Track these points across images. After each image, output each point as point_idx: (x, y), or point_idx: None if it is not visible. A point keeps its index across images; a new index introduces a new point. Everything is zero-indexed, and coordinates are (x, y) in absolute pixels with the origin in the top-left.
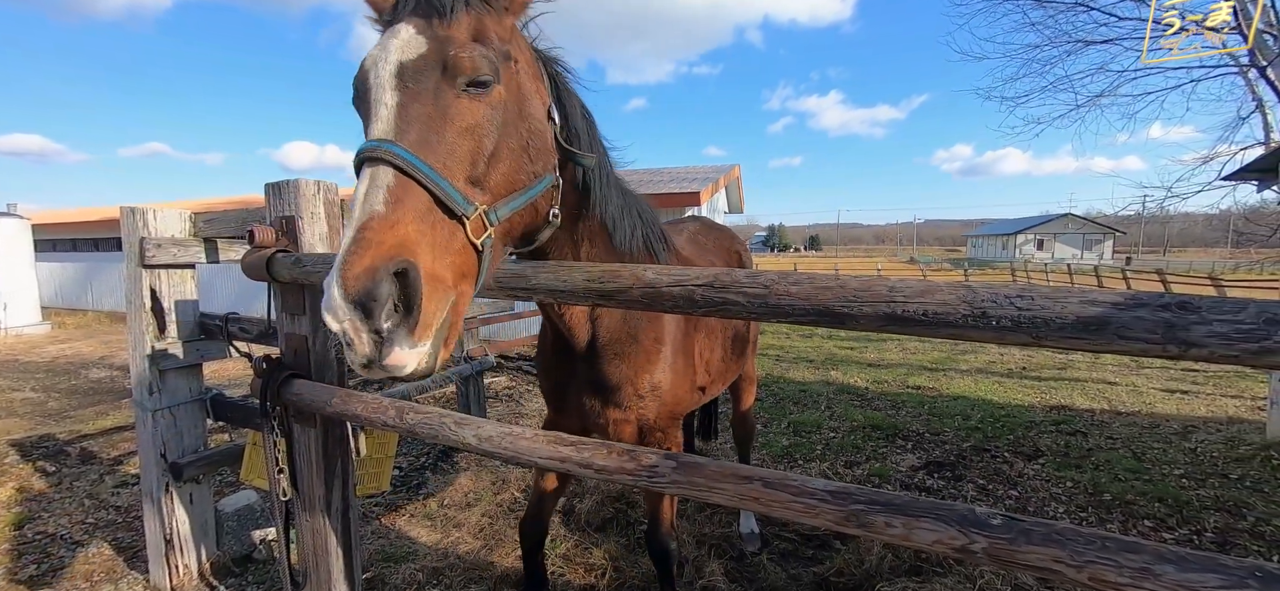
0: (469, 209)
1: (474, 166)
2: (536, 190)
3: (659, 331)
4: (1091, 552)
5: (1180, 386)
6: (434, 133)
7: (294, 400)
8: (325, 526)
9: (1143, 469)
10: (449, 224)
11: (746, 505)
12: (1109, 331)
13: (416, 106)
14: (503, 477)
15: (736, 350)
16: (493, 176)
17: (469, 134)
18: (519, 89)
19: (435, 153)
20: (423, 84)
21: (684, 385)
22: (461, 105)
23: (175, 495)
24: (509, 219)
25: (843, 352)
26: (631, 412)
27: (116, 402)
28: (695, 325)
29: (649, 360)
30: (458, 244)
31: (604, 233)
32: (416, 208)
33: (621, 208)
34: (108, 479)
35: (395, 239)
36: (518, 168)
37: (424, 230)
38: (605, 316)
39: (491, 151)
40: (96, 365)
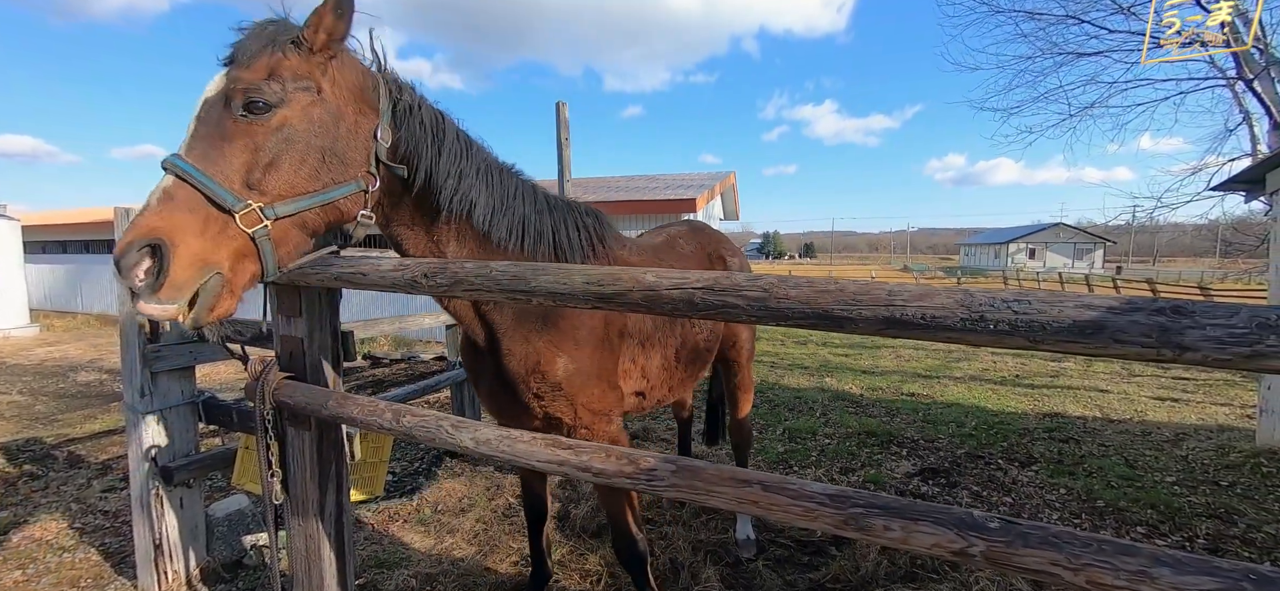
0: (238, 204)
1: (249, 173)
2: (334, 194)
3: (555, 337)
4: (1088, 555)
5: (1171, 394)
6: (212, 147)
7: (288, 402)
8: (318, 531)
9: (1135, 475)
10: (219, 216)
11: (745, 508)
12: (1105, 335)
13: (203, 129)
14: (497, 483)
15: (689, 360)
16: (270, 181)
17: (244, 148)
18: (319, 113)
19: (209, 162)
20: (212, 113)
21: (597, 387)
22: (238, 126)
23: (165, 499)
24: (300, 215)
25: (837, 360)
26: (537, 408)
27: (105, 406)
28: (621, 332)
29: (543, 363)
30: (230, 232)
31: (474, 233)
32: (186, 202)
33: (495, 210)
34: (95, 483)
35: (150, 224)
36: (306, 174)
37: (189, 219)
38: (497, 318)
39: (269, 162)
40: (85, 368)
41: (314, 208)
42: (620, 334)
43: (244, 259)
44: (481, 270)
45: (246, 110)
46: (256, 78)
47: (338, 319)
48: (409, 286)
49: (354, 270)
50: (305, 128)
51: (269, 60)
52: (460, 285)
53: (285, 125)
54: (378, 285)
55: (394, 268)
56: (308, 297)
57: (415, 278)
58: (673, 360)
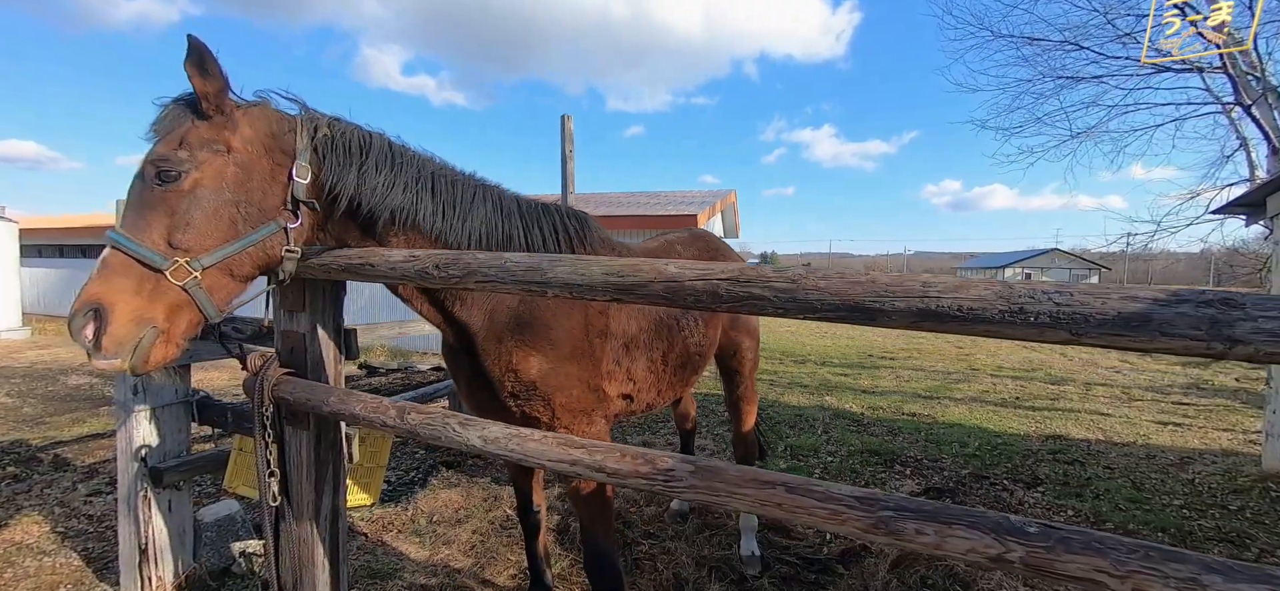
0: (164, 262)
1: (172, 233)
2: (255, 237)
3: (531, 336)
4: (1135, 562)
5: (1173, 419)
6: (139, 217)
7: (288, 398)
8: (313, 535)
9: (1142, 498)
10: (151, 275)
11: (768, 511)
12: (1151, 328)
13: (133, 201)
14: (494, 494)
15: (677, 364)
16: (190, 239)
17: (162, 213)
18: (230, 170)
19: (137, 230)
20: (136, 187)
21: (576, 387)
22: (155, 195)
23: (153, 502)
24: (227, 261)
25: (837, 379)
26: (513, 407)
27: (94, 409)
28: (601, 332)
29: (516, 362)
30: (163, 287)
31: (427, 239)
32: (120, 267)
33: (443, 215)
34: (81, 487)
35: (91, 292)
36: (223, 227)
37: (124, 282)
38: (463, 314)
39: (186, 222)
40: (75, 372)
41: (236, 253)
42: (602, 335)
43: (179, 309)
44: (495, 261)
45: (159, 180)
46: (168, 150)
47: (341, 314)
48: (420, 278)
49: (362, 261)
50: (216, 185)
51: (179, 131)
52: (473, 277)
53: (197, 186)
54: (387, 276)
55: (405, 258)
56: (311, 291)
57: (426, 268)
58: (660, 363)
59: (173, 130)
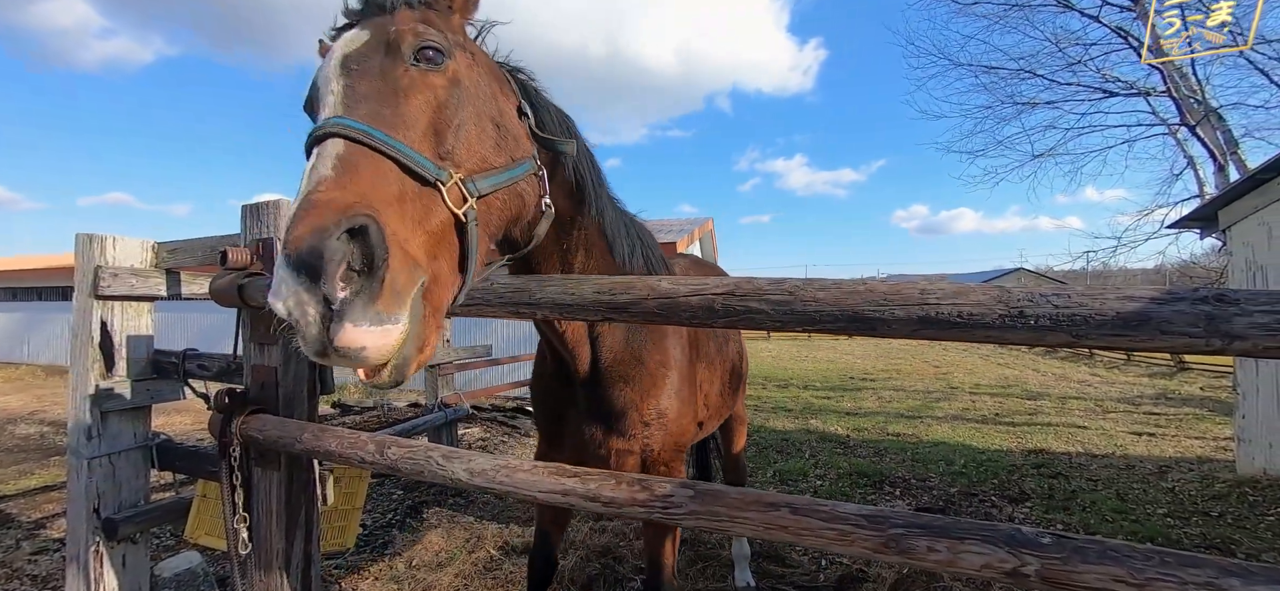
0: (442, 175)
1: (440, 139)
2: (518, 172)
3: (664, 355)
4: (1152, 569)
5: (1146, 429)
6: (387, 105)
7: (257, 438)
8: (282, 586)
9: (1127, 509)
10: (423, 192)
11: (773, 535)
12: (1150, 327)
13: (365, 84)
14: (477, 535)
15: (732, 385)
16: (462, 149)
17: (428, 105)
18: (480, 77)
19: (391, 124)
20: (369, 64)
21: (688, 414)
22: (413, 77)
23: (105, 556)
24: (491, 198)
25: (820, 402)
26: (636, 442)
27: (43, 460)
28: (697, 353)
29: (655, 384)
30: (436, 216)
31: (603, 243)
32: (375, 170)
33: (617, 218)
34: (25, 544)
35: (348, 197)
36: (491, 145)
37: (388, 194)
38: (608, 336)
39: (458, 123)
40: (25, 420)
41: (504, 187)
42: (696, 353)
43: (447, 255)
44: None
45: (418, 58)
46: (418, 22)
47: None
48: None
49: None
50: (474, 89)
51: (416, 12)
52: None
53: (460, 82)
54: None
55: None
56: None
57: None
58: (725, 384)
59: (402, 8)
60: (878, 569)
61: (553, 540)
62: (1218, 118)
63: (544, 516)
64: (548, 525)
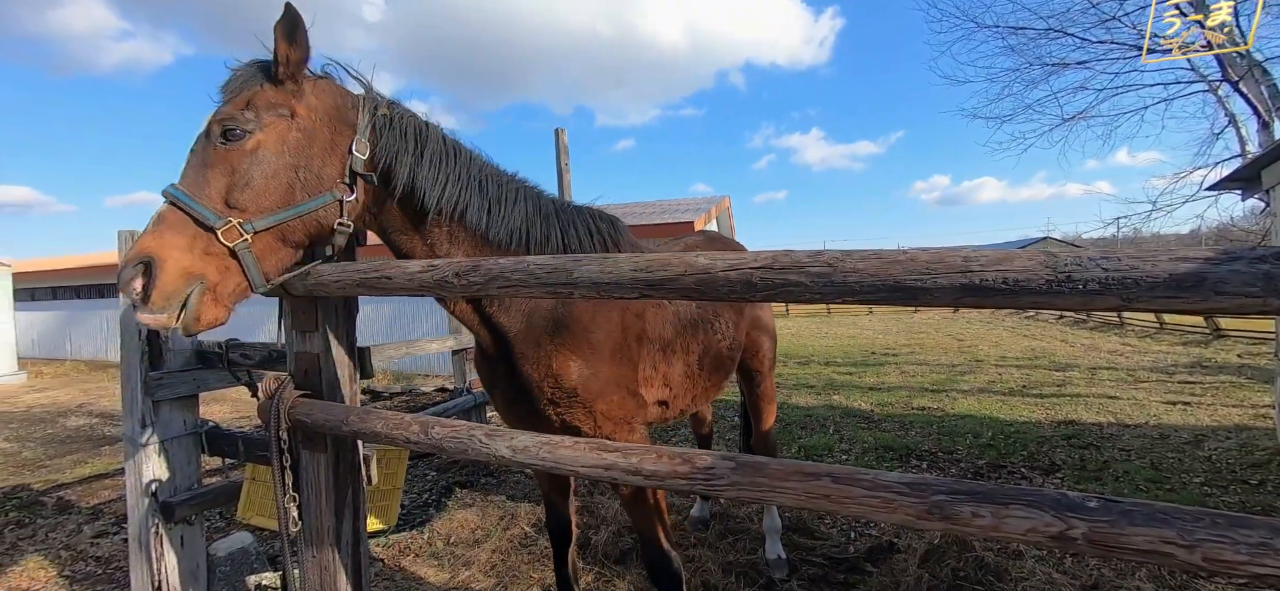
0: (218, 222)
1: (229, 193)
2: (311, 205)
3: (568, 340)
4: (1202, 530)
5: (1181, 398)
6: (198, 175)
7: (305, 420)
8: (335, 561)
9: (1162, 478)
10: (203, 233)
11: (815, 504)
12: (1205, 288)
13: (193, 160)
14: (511, 513)
15: (712, 368)
16: (246, 199)
17: (223, 172)
18: (293, 134)
19: (196, 187)
20: (198, 146)
21: (616, 394)
22: (217, 153)
23: (165, 538)
24: (279, 227)
25: (843, 378)
26: (552, 415)
27: (96, 450)
28: (639, 336)
29: (556, 367)
30: (213, 247)
31: (468, 233)
32: (174, 223)
33: (489, 211)
34: (86, 528)
35: (143, 245)
36: (280, 192)
37: (177, 238)
38: (502, 318)
39: (245, 182)
40: (74, 413)
41: (290, 220)
42: (639, 339)
43: (228, 271)
44: (518, 266)
45: (223, 138)
46: (234, 109)
47: (354, 332)
48: (439, 288)
49: (378, 274)
50: (278, 149)
51: (247, 93)
52: (496, 282)
53: (259, 148)
54: (404, 289)
55: (422, 268)
56: (325, 310)
57: (446, 278)
58: (696, 367)
59: (241, 92)
60: (908, 540)
61: (560, 505)
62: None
63: (545, 485)
64: (551, 493)
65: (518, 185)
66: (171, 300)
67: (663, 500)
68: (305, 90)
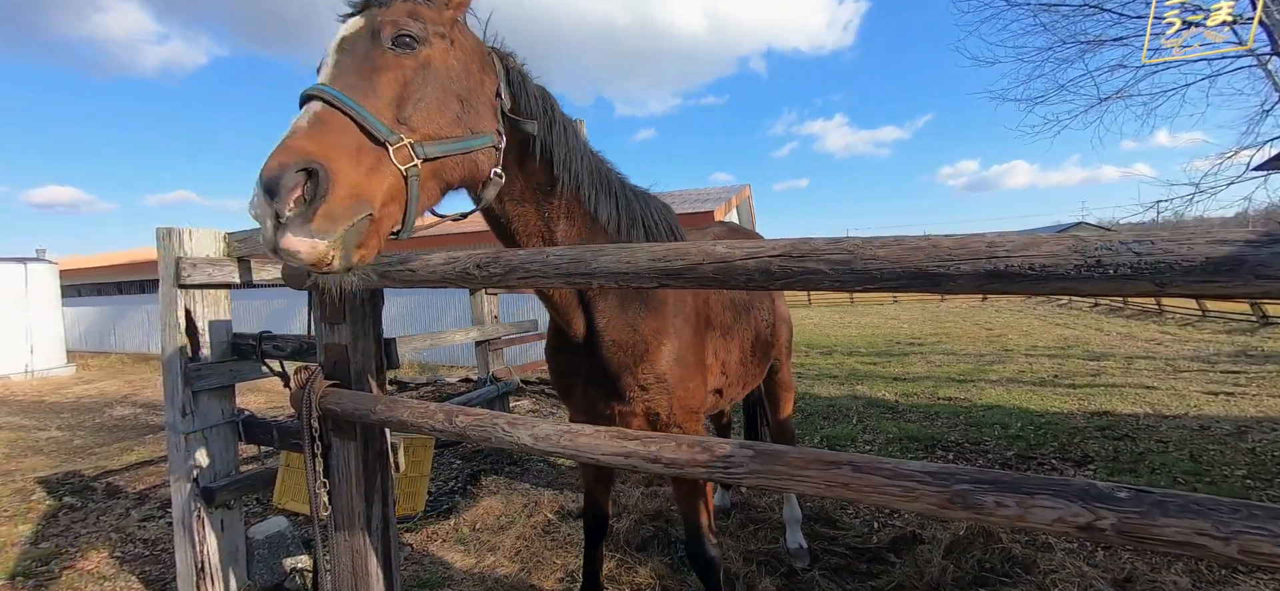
0: (392, 137)
1: (400, 107)
2: (473, 143)
3: (660, 322)
4: (1239, 522)
5: (1223, 388)
6: (361, 78)
7: (335, 410)
8: (366, 546)
9: (1201, 470)
10: (375, 149)
11: (835, 493)
12: (1244, 271)
13: (348, 61)
14: (534, 500)
15: (758, 354)
16: (419, 117)
17: (395, 81)
18: (455, 61)
19: (360, 91)
20: (357, 46)
21: (694, 379)
22: (387, 58)
23: (206, 521)
24: (441, 160)
25: (866, 368)
26: (638, 405)
27: (140, 438)
28: (707, 321)
29: (650, 351)
30: (385, 168)
31: (583, 212)
32: (337, 127)
33: (601, 190)
34: (134, 512)
35: (309, 147)
36: (449, 118)
37: (344, 146)
38: (601, 304)
39: (419, 97)
40: (120, 403)
41: (456, 154)
42: (707, 323)
43: (392, 200)
44: (536, 257)
45: (395, 44)
46: (404, 15)
47: (381, 324)
48: (461, 279)
49: (402, 266)
50: (445, 71)
51: (406, 5)
52: (515, 273)
53: (430, 64)
54: (427, 281)
55: (444, 261)
56: (351, 303)
57: (467, 269)
58: (749, 353)
59: (395, 3)
60: (933, 530)
61: (600, 498)
62: None
63: (589, 478)
64: (593, 485)
65: (609, 166)
66: (336, 224)
67: (710, 489)
68: (457, 22)
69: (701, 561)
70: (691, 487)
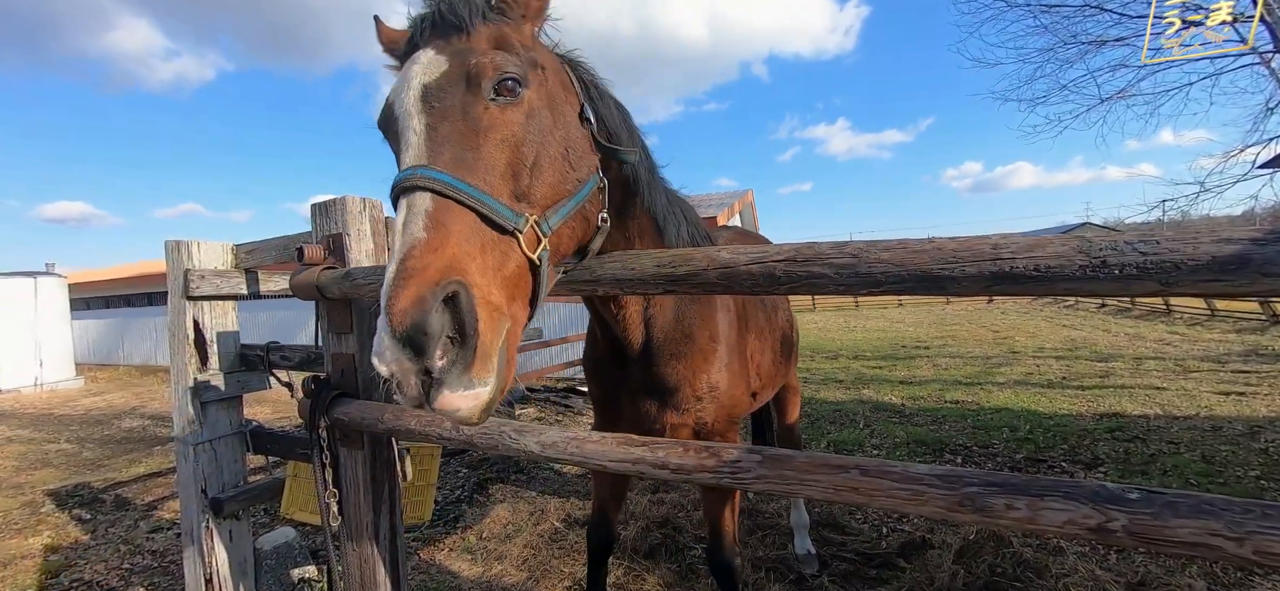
0: (520, 222)
1: (517, 179)
2: (583, 196)
3: (713, 329)
4: (1252, 522)
5: (1234, 388)
6: (468, 149)
7: (342, 419)
8: (374, 555)
9: (1214, 471)
10: (501, 241)
11: (843, 497)
12: (1250, 269)
13: (446, 125)
14: (541, 508)
15: (784, 354)
16: (537, 187)
17: (505, 144)
18: (550, 95)
19: (473, 170)
20: (449, 101)
21: (740, 385)
22: (492, 115)
23: (215, 532)
24: (559, 229)
25: (872, 372)
26: (690, 415)
27: (149, 450)
28: (746, 324)
29: (706, 359)
30: (513, 262)
31: (654, 229)
32: (462, 228)
33: (667, 204)
34: (142, 524)
35: (441, 262)
36: (562, 175)
37: (473, 250)
38: (659, 314)
39: (533, 161)
40: (128, 415)
41: (571, 216)
42: (746, 328)
43: (519, 300)
44: None
45: (498, 92)
46: (496, 52)
47: None
48: None
49: None
50: (548, 113)
51: (489, 29)
52: None
53: (533, 110)
54: None
55: None
56: (359, 313)
57: None
58: (779, 352)
59: (477, 27)
60: (943, 535)
61: (611, 514)
62: None
63: (602, 491)
64: (606, 498)
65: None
66: (490, 358)
67: (737, 495)
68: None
69: (722, 567)
70: (722, 493)
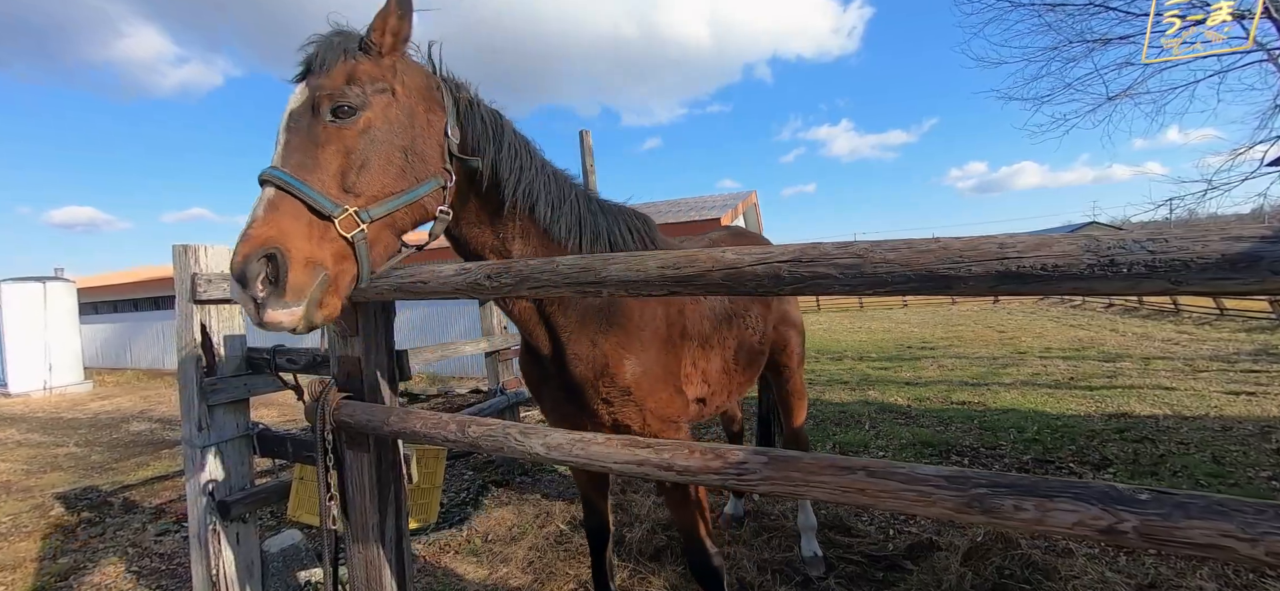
0: (336, 210)
1: (345, 176)
2: (420, 192)
3: (622, 338)
4: (1265, 523)
5: (1244, 387)
6: (308, 156)
7: (347, 421)
8: (379, 557)
9: (1224, 472)
10: (321, 223)
11: (850, 498)
12: (1261, 267)
13: (296, 139)
14: (546, 511)
15: (745, 362)
16: (363, 182)
17: (339, 153)
18: (402, 111)
19: (310, 171)
20: (301, 122)
21: (664, 391)
22: (329, 131)
23: (222, 535)
24: (390, 216)
25: (877, 373)
26: (603, 417)
27: (156, 453)
28: (682, 333)
29: (611, 365)
30: (331, 236)
31: (537, 230)
32: (290, 210)
33: (555, 209)
34: (150, 527)
35: (265, 234)
36: (394, 173)
37: (299, 227)
38: (559, 317)
39: (362, 163)
40: (136, 419)
41: (402, 207)
42: (681, 335)
43: (344, 261)
44: (547, 266)
45: (334, 115)
46: (340, 83)
47: (392, 336)
48: (471, 290)
49: (414, 278)
50: (387, 128)
51: (345, 67)
52: (526, 283)
53: (370, 127)
54: (439, 292)
55: (455, 272)
56: (364, 315)
57: (478, 280)
58: (732, 363)
59: (336, 64)
60: (950, 537)
61: (598, 504)
62: None
63: (583, 485)
64: (589, 492)
65: (571, 181)
66: (302, 294)
67: (704, 497)
68: (399, 67)
69: (706, 572)
70: (683, 494)
